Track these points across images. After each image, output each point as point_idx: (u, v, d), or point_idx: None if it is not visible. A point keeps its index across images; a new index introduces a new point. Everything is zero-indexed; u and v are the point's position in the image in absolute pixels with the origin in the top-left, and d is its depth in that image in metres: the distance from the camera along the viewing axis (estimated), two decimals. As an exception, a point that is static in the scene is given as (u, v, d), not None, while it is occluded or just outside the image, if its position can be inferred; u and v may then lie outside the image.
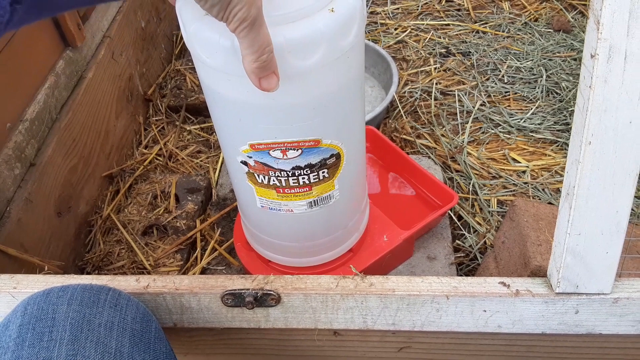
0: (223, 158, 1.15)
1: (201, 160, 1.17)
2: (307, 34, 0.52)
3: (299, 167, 0.66)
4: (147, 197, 1.07)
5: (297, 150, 0.64)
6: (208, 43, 0.54)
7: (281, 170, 0.66)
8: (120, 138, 1.14)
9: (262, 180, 0.68)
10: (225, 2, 0.43)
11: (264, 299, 0.56)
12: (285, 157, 0.64)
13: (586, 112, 0.44)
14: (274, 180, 0.68)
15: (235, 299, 0.56)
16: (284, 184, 0.68)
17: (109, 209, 1.05)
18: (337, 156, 0.67)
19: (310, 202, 0.71)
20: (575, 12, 1.50)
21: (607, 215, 0.47)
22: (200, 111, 1.27)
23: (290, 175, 0.67)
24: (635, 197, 1.01)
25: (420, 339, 0.59)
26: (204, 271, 0.97)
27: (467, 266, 0.96)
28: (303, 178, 0.67)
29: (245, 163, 0.67)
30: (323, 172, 0.68)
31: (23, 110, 0.88)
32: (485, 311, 0.53)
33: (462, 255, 0.97)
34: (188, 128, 1.24)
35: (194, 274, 0.96)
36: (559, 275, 0.51)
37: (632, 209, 0.96)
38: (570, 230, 0.48)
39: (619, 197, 0.47)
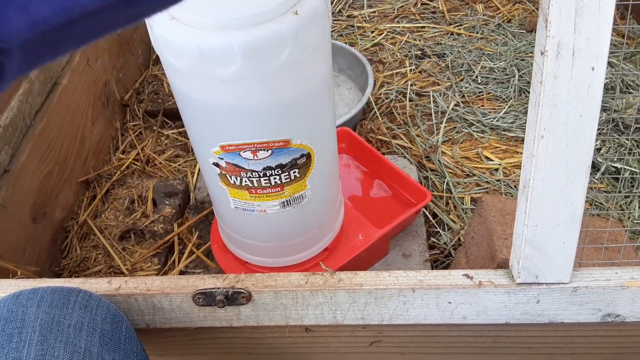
0: (201, 162, 1.16)
1: (179, 165, 1.17)
2: (272, 36, 0.53)
3: (270, 168, 0.67)
4: (124, 202, 1.07)
5: (267, 150, 0.65)
6: (175, 46, 0.55)
7: (252, 171, 0.67)
8: (96, 143, 1.14)
9: (234, 181, 0.69)
10: None
11: (234, 298, 0.57)
12: (255, 157, 0.65)
13: (538, 107, 0.46)
14: (245, 181, 0.69)
15: (206, 298, 0.57)
16: (255, 185, 0.69)
17: (86, 214, 1.05)
18: (308, 156, 0.68)
19: (283, 202, 0.72)
20: (546, 13, 1.53)
21: (563, 207, 0.49)
22: (177, 116, 1.27)
23: (261, 175, 0.68)
24: (603, 191, 1.04)
25: (390, 333, 0.60)
26: (181, 274, 0.97)
27: (442, 263, 0.97)
28: (274, 178, 0.68)
29: (217, 165, 0.68)
30: (294, 172, 0.69)
31: (-4, 117, 0.88)
32: (450, 303, 0.55)
33: (437, 252, 0.98)
34: (166, 132, 1.24)
35: (172, 277, 0.96)
36: (519, 266, 0.52)
37: (601, 203, 0.99)
38: (527, 222, 0.50)
39: (573, 189, 0.48)
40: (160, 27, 0.56)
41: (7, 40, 0.23)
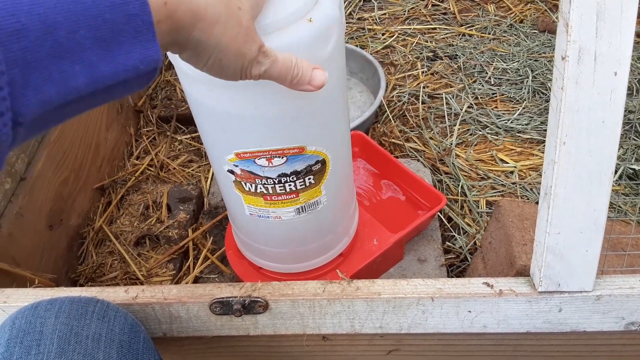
0: (214, 167, 1.16)
1: (193, 170, 1.18)
2: (286, 45, 0.53)
3: (284, 174, 0.67)
4: (139, 207, 1.07)
5: (282, 157, 0.64)
6: (189, 55, 0.55)
7: (267, 177, 0.67)
8: (111, 150, 1.15)
9: (249, 188, 0.69)
10: (238, 68, 0.43)
11: (251, 306, 0.57)
12: (270, 164, 0.65)
13: (559, 113, 0.45)
14: (260, 188, 0.68)
15: (223, 307, 0.57)
16: (270, 192, 0.69)
17: (101, 220, 1.05)
18: (322, 162, 0.68)
19: (298, 208, 0.72)
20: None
21: (585, 214, 0.48)
22: (190, 121, 1.28)
23: (276, 182, 0.67)
24: (622, 194, 1.02)
25: (408, 342, 0.60)
26: (196, 280, 0.97)
27: (458, 267, 0.96)
28: (289, 185, 0.68)
29: (232, 172, 0.68)
30: (309, 179, 0.68)
31: (12, 125, 0.88)
32: (470, 312, 0.54)
33: (453, 256, 0.97)
34: (179, 138, 1.25)
35: (186, 283, 0.96)
36: (540, 274, 0.51)
37: (619, 206, 0.97)
38: (549, 230, 0.49)
39: (596, 196, 0.47)
40: (174, 36, 0.56)
41: (24, 115, 0.28)
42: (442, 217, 1.02)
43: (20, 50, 0.27)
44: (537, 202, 1.00)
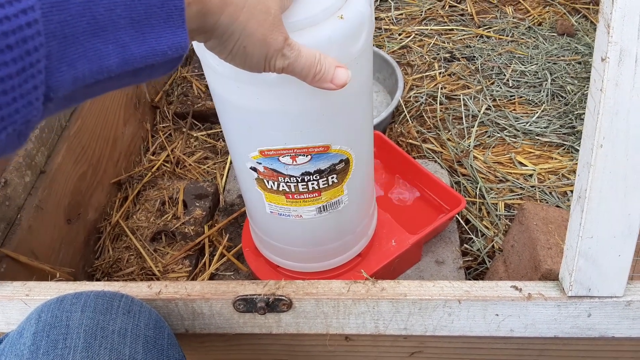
0: (230, 164, 1.15)
1: (208, 167, 1.17)
2: (317, 42, 0.52)
3: (308, 173, 0.66)
4: (155, 203, 1.07)
5: (307, 156, 0.64)
6: (219, 50, 0.55)
7: (290, 176, 0.66)
8: (128, 145, 1.15)
9: (271, 186, 0.69)
10: (262, 57, 0.42)
11: (275, 305, 0.56)
12: (294, 163, 0.65)
13: (597, 115, 0.44)
14: (283, 186, 0.68)
15: (247, 305, 0.57)
16: (293, 190, 0.68)
17: (118, 215, 1.05)
18: (346, 161, 0.67)
19: (320, 207, 0.71)
20: (578, 15, 1.50)
21: (619, 218, 0.47)
22: (206, 117, 1.28)
23: (299, 181, 0.67)
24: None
25: (432, 344, 0.59)
26: (212, 277, 0.97)
27: (475, 270, 0.96)
28: (312, 184, 0.67)
29: (254, 169, 0.67)
30: (332, 178, 0.68)
31: (33, 119, 0.89)
32: (497, 315, 0.53)
33: (470, 259, 0.96)
34: (195, 134, 1.25)
35: (202, 279, 0.96)
36: (571, 278, 0.51)
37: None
38: (582, 234, 0.48)
39: (631, 200, 0.47)
40: (203, 31, 0.56)
41: (56, 91, 0.28)
42: (460, 220, 1.01)
43: (60, 23, 0.27)
44: (557, 206, 0.99)
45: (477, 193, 1.05)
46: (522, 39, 1.44)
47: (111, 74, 0.30)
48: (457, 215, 1.00)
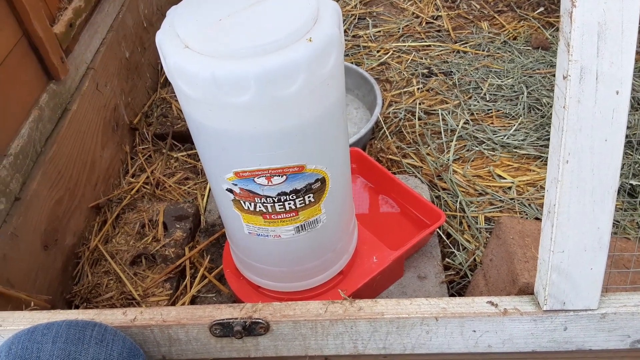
0: (211, 184, 1.15)
1: (189, 187, 1.17)
2: (286, 65, 0.53)
3: (284, 193, 0.66)
4: (135, 226, 1.06)
5: (282, 176, 0.64)
6: (189, 74, 0.55)
7: (267, 196, 0.66)
8: (106, 168, 1.14)
9: (248, 207, 0.68)
10: None
11: (252, 328, 0.56)
12: (270, 183, 0.65)
13: (562, 132, 0.45)
14: (260, 207, 0.68)
15: (223, 329, 0.56)
16: (270, 210, 0.68)
17: (97, 239, 1.04)
18: (322, 180, 0.67)
19: (298, 226, 0.71)
20: (552, 29, 1.53)
21: (589, 232, 0.48)
22: (186, 138, 1.27)
23: (276, 201, 0.67)
24: (622, 210, 1.03)
25: (411, 362, 0.59)
26: (194, 299, 0.96)
27: (458, 284, 0.96)
28: (289, 203, 0.67)
29: (230, 190, 0.67)
30: (309, 197, 0.68)
31: (7, 145, 0.87)
32: (474, 331, 0.53)
33: (453, 273, 0.97)
34: (175, 155, 1.24)
35: (184, 302, 0.95)
36: (545, 292, 0.51)
37: (618, 222, 0.97)
38: (553, 248, 0.49)
39: (600, 214, 0.47)
40: (174, 55, 0.56)
41: None
42: (441, 234, 1.01)
43: None
44: (536, 218, 0.99)
45: (458, 207, 1.06)
46: (498, 53, 1.46)
47: None
48: (438, 230, 1.00)
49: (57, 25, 1.02)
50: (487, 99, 1.31)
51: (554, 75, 1.37)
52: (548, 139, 1.19)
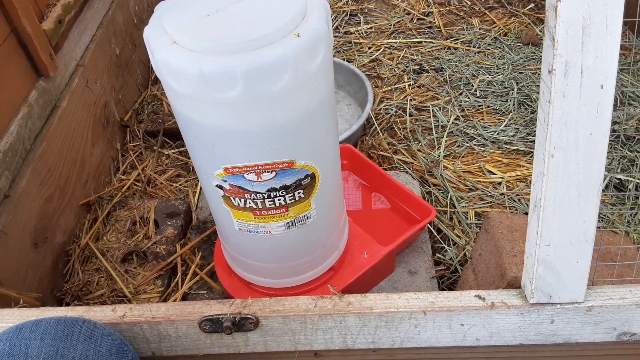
0: (202, 181, 1.15)
1: (180, 184, 1.17)
2: (274, 60, 0.53)
3: (274, 189, 0.66)
4: (125, 223, 1.06)
5: (271, 172, 0.64)
6: (176, 70, 0.55)
7: (257, 192, 0.66)
8: (97, 165, 1.13)
9: (238, 203, 0.68)
10: None
11: (242, 324, 0.56)
12: (259, 179, 0.65)
13: (547, 126, 0.45)
14: (250, 203, 0.68)
15: (213, 325, 0.56)
16: (260, 206, 0.68)
17: (87, 237, 1.03)
18: (312, 176, 0.68)
19: (288, 222, 0.71)
20: (543, 25, 1.54)
21: (575, 226, 0.48)
22: (178, 135, 1.27)
23: (266, 197, 0.67)
24: (610, 204, 1.04)
25: (401, 356, 0.59)
26: (185, 296, 0.96)
27: (449, 279, 0.96)
28: (279, 199, 0.67)
29: (220, 187, 0.67)
30: (299, 193, 0.68)
31: (-5, 142, 0.87)
32: (462, 325, 0.54)
33: (443, 268, 0.97)
34: (166, 152, 1.24)
35: (175, 299, 0.95)
36: (532, 286, 0.51)
37: (607, 216, 0.98)
38: (539, 242, 0.49)
39: (585, 207, 0.48)
40: (161, 51, 0.56)
41: None
42: (431, 229, 1.02)
43: None
44: (525, 213, 1.00)
45: (448, 202, 1.07)
46: (489, 49, 1.47)
47: None
48: (429, 225, 1.01)
49: (46, 22, 1.01)
50: (478, 95, 1.32)
51: (544, 72, 1.37)
52: (538, 135, 1.19)
